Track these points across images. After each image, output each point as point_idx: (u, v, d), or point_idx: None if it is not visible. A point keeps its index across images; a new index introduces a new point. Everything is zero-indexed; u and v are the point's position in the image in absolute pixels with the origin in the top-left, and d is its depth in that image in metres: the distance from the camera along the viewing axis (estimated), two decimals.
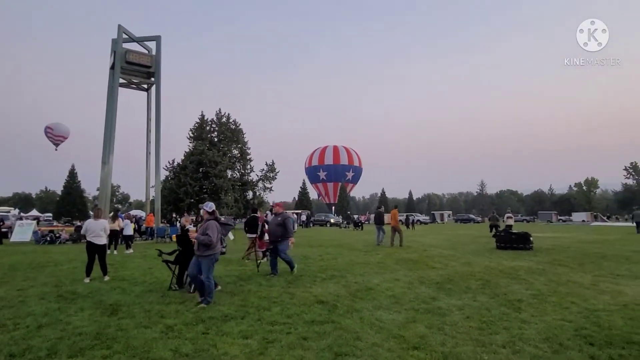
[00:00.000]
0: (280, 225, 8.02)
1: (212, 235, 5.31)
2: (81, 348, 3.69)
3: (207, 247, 5.34)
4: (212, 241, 5.28)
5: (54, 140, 30.66)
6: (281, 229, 7.99)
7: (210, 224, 5.44)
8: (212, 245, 5.34)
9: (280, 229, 8.00)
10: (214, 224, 5.45)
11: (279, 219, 8.08)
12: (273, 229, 8.10)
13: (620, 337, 3.88)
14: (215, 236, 5.34)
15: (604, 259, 10.16)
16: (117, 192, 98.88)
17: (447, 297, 5.80)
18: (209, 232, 5.30)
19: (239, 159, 35.43)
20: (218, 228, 5.52)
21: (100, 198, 23.03)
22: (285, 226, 7.99)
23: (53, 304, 5.63)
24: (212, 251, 5.39)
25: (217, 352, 3.55)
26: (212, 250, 5.40)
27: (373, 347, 3.67)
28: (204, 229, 5.44)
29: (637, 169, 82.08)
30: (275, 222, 8.10)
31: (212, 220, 5.51)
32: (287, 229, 8.00)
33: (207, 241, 5.29)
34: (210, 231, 5.33)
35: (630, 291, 6.10)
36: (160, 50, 24.78)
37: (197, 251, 5.45)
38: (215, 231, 5.41)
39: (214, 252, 5.45)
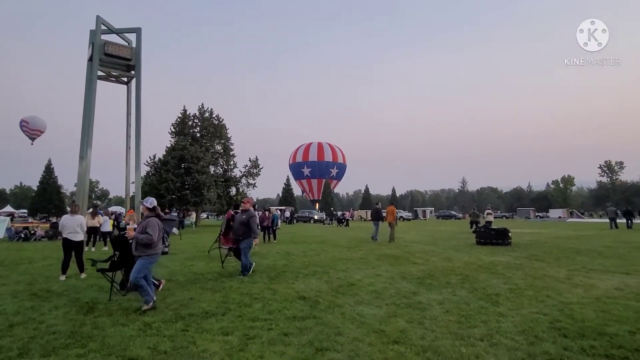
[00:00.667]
0: (244, 224, 7.52)
1: (153, 234, 4.88)
2: (55, 347, 3.59)
3: (147, 247, 4.90)
4: (152, 240, 4.86)
5: (30, 134, 29.66)
6: (244, 228, 7.51)
7: (151, 221, 5.01)
8: (153, 244, 4.93)
9: (244, 227, 7.52)
10: (155, 221, 5.02)
11: (244, 217, 7.56)
12: (236, 227, 7.65)
13: (592, 329, 4.01)
14: (156, 234, 4.92)
15: (578, 254, 10.49)
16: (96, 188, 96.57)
17: (427, 292, 5.87)
18: (149, 230, 4.87)
19: (222, 155, 34.98)
20: (160, 225, 5.11)
21: (78, 194, 22.40)
22: (249, 225, 7.49)
23: (26, 302, 5.45)
24: (152, 251, 4.96)
25: (196, 349, 3.51)
26: (153, 249, 4.97)
27: (354, 341, 3.68)
28: (143, 226, 5.00)
29: (611, 167, 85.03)
30: (240, 220, 7.60)
31: (153, 217, 5.08)
32: (250, 228, 7.49)
33: (147, 240, 4.83)
34: (151, 229, 4.90)
35: (602, 285, 6.32)
36: (140, 42, 24.17)
37: (136, 251, 4.97)
38: (157, 229, 4.98)
39: (155, 251, 5.01)
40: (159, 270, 8.29)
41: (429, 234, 20.86)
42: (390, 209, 15.80)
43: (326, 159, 68.50)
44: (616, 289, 6.00)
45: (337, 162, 69.92)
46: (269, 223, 16.07)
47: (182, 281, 6.94)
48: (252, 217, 7.55)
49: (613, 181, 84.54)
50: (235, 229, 7.67)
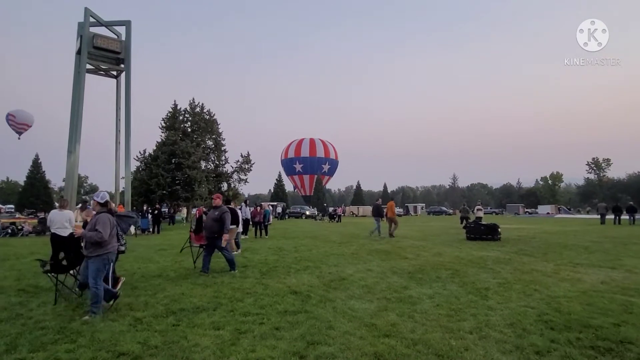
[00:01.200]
0: (217, 220, 7.19)
1: (103, 231, 4.47)
2: (43, 343, 3.55)
3: (97, 246, 4.52)
4: (102, 238, 4.45)
5: (17, 129, 29.12)
6: (218, 225, 7.18)
7: (101, 217, 4.60)
8: (104, 243, 4.54)
9: (217, 224, 7.18)
10: (105, 218, 4.62)
11: (217, 213, 7.23)
12: (209, 224, 7.31)
13: (578, 321, 4.09)
14: (107, 232, 4.53)
15: (565, 249, 10.67)
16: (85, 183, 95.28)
17: (418, 286, 5.93)
18: (98, 228, 4.47)
19: (213, 150, 34.75)
20: (112, 222, 4.71)
21: (67, 189, 22.10)
22: (222, 222, 7.16)
23: (13, 298, 5.38)
24: (103, 250, 4.57)
25: (187, 344, 3.50)
26: (104, 249, 4.58)
27: (345, 335, 3.71)
28: (92, 223, 4.60)
29: (598, 164, 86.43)
30: (212, 216, 7.28)
31: (103, 214, 4.67)
32: (224, 225, 7.16)
33: (96, 238, 4.43)
34: (101, 226, 4.49)
35: (588, 279, 6.44)
36: (130, 35, 23.83)
37: (86, 250, 4.60)
38: (108, 226, 4.57)
39: (107, 251, 4.62)
40: (150, 265, 8.25)
41: (420, 229, 21.03)
42: (390, 205, 15.99)
43: (318, 155, 68.49)
44: (602, 282, 6.13)
45: (329, 157, 69.95)
46: (260, 218, 16.04)
47: (173, 276, 6.90)
48: (224, 212, 7.26)
49: (600, 178, 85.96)
50: (209, 226, 7.33)
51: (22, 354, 3.29)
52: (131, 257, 9.59)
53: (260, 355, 3.22)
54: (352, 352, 3.31)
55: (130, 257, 9.57)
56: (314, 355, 3.23)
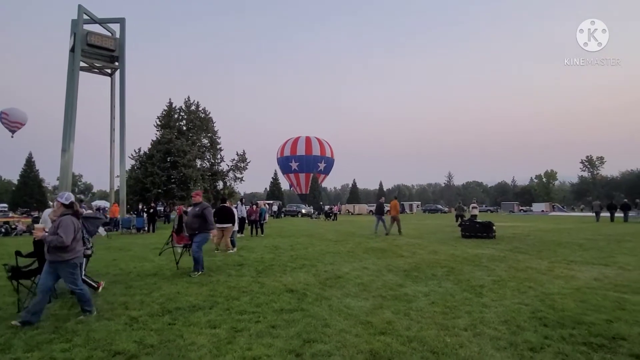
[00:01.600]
0: (197, 216, 7.13)
1: (65, 235, 4.15)
2: (38, 342, 3.53)
3: (61, 250, 4.22)
4: (64, 242, 4.13)
5: (10, 127, 28.82)
6: (199, 221, 7.11)
7: (64, 220, 4.30)
8: (68, 247, 4.23)
9: (198, 220, 7.12)
10: (69, 220, 4.31)
11: (197, 209, 7.17)
12: (190, 221, 7.24)
13: (572, 318, 4.14)
14: (69, 236, 4.20)
15: (559, 246, 10.76)
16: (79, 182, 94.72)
17: (413, 284, 5.96)
18: (60, 232, 4.16)
19: (208, 149, 34.61)
20: (76, 225, 4.41)
21: (61, 188, 21.99)
22: (204, 217, 7.10)
23: (7, 297, 5.36)
24: (69, 255, 4.27)
25: (183, 343, 3.50)
26: (69, 253, 4.28)
27: (341, 333, 3.73)
28: (55, 227, 4.31)
29: (592, 162, 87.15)
30: (193, 213, 7.22)
31: (67, 216, 4.37)
32: (206, 220, 7.10)
33: (56, 242, 4.11)
34: (63, 229, 4.18)
35: (582, 276, 6.51)
36: (124, 33, 23.71)
37: (48, 255, 4.29)
38: (71, 229, 4.26)
39: (72, 256, 4.31)
40: (146, 264, 8.22)
41: (416, 227, 21.12)
42: (393, 203, 16.29)
43: (314, 153, 68.47)
44: (595, 279, 6.19)
45: (325, 156, 69.97)
46: (256, 217, 16.03)
47: (168, 275, 6.89)
48: (206, 208, 7.18)
49: (594, 176, 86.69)
50: (189, 222, 7.24)
51: (16, 354, 3.28)
52: (127, 256, 9.56)
53: (256, 354, 3.23)
54: (348, 349, 3.32)
55: (126, 256, 9.54)
56: (310, 353, 3.25)
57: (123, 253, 10.31)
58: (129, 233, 18.27)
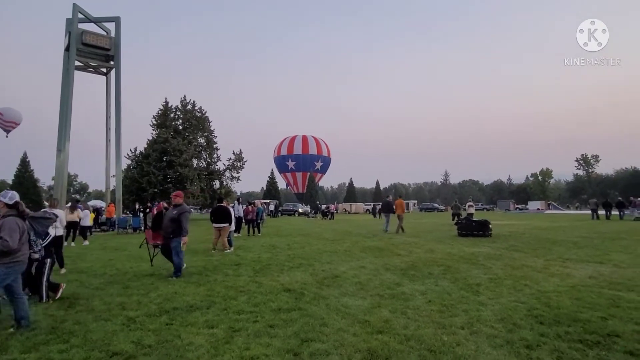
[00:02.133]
0: (174, 220, 6.76)
1: (10, 239, 3.84)
2: (35, 343, 3.52)
3: (3, 254, 3.89)
4: (9, 246, 3.83)
5: (4, 127, 28.55)
6: (175, 225, 6.75)
7: (7, 221, 3.97)
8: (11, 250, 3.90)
9: (174, 225, 6.75)
10: (12, 222, 3.98)
11: (175, 212, 6.82)
12: (165, 224, 6.91)
13: (567, 315, 4.17)
14: (14, 239, 3.90)
15: (554, 245, 10.83)
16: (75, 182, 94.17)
17: (410, 283, 5.99)
18: (3, 235, 3.84)
19: (205, 148, 34.53)
20: (21, 227, 4.08)
21: (56, 188, 21.85)
22: (180, 222, 6.73)
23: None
24: (9, 259, 3.93)
25: (181, 343, 3.50)
26: (10, 257, 3.93)
27: (339, 332, 3.74)
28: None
29: (587, 160, 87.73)
30: (170, 215, 6.85)
31: (10, 217, 4.02)
32: (181, 225, 6.73)
33: (1, 247, 3.78)
34: (7, 232, 3.87)
35: (577, 274, 6.56)
36: (119, 32, 23.58)
37: None
38: (16, 231, 3.96)
39: (13, 260, 3.97)
40: (142, 264, 8.19)
41: (412, 226, 21.15)
42: (399, 202, 16.65)
43: (311, 152, 68.46)
44: (590, 277, 6.25)
45: (322, 155, 69.97)
46: (253, 216, 16.02)
47: (165, 275, 6.87)
48: (183, 212, 6.84)
49: (589, 174, 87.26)
50: (165, 225, 6.92)
51: (13, 355, 3.27)
52: (123, 256, 9.53)
53: (254, 353, 3.23)
54: (346, 348, 3.34)
55: (122, 256, 9.52)
56: (308, 352, 3.26)
57: (119, 253, 10.28)
58: (125, 233, 18.20)
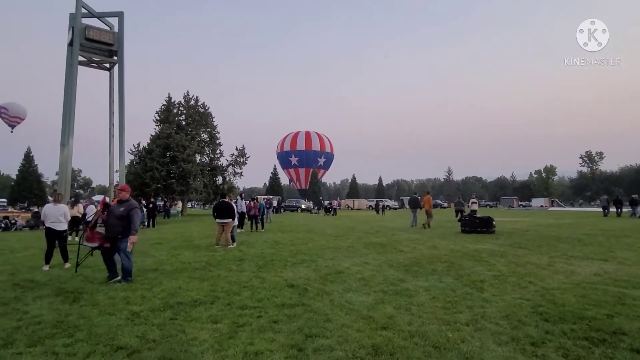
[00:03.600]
0: (121, 218, 5.91)
1: None
2: (40, 337, 3.54)
3: None
4: None
5: (9, 122, 28.71)
6: (123, 224, 5.90)
7: None
8: None
9: (123, 223, 5.90)
10: None
11: (122, 209, 5.95)
12: (111, 222, 5.95)
13: (572, 313, 4.14)
14: None
15: (559, 242, 10.77)
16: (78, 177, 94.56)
17: (414, 279, 5.97)
18: None
19: (208, 144, 34.59)
20: None
21: (60, 183, 21.94)
22: (129, 220, 5.91)
23: (9, 292, 5.34)
24: None
25: (185, 338, 3.50)
26: None
27: (343, 328, 3.73)
28: None
29: (591, 157, 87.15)
30: (118, 213, 5.95)
31: None
32: (132, 223, 5.90)
33: None
34: None
35: (582, 271, 6.52)
36: (123, 27, 23.56)
37: None
38: None
39: None
40: (146, 259, 8.22)
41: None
42: (427, 198, 17.23)
43: (314, 148, 68.39)
44: (595, 274, 6.20)
45: (325, 151, 69.90)
46: (256, 212, 16.04)
47: (169, 270, 6.89)
48: (133, 208, 6.00)
49: (593, 171, 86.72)
50: (111, 224, 5.96)
51: (19, 349, 3.28)
52: None
53: (258, 349, 3.23)
54: (350, 344, 3.33)
55: None
56: (312, 348, 3.25)
57: None
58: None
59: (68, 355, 3.15)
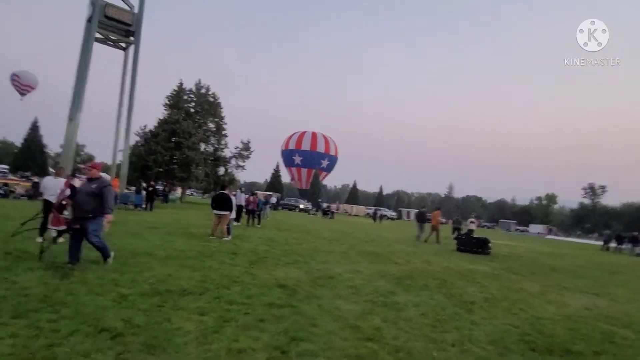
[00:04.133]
0: (94, 195, 5.43)
1: None
2: (26, 310, 3.52)
3: None
4: None
5: (20, 89, 28.75)
6: (94, 202, 5.42)
7: None
8: None
9: (93, 201, 5.42)
10: None
11: (94, 186, 5.49)
12: (82, 200, 5.45)
13: (560, 345, 4.11)
14: None
15: (553, 271, 10.73)
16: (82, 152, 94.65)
17: (404, 293, 5.94)
18: None
19: (214, 133, 34.63)
20: None
21: (64, 156, 21.99)
22: (102, 197, 5.45)
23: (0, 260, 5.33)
24: None
25: (170, 326, 3.49)
26: None
27: (329, 334, 3.71)
28: None
29: (594, 190, 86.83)
30: (89, 189, 5.48)
31: None
32: (105, 201, 5.46)
33: None
34: None
35: (574, 303, 6.48)
36: (143, 8, 23.63)
37: None
38: None
39: None
40: (140, 242, 8.20)
41: (412, 235, 21.06)
42: (435, 213, 17.39)
43: (318, 150, 68.34)
44: (586, 308, 6.16)
45: (329, 154, 69.84)
46: (254, 206, 16.02)
47: (162, 256, 6.87)
48: (106, 186, 5.54)
49: (594, 204, 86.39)
50: (82, 201, 5.44)
51: (4, 319, 3.26)
52: (121, 232, 9.55)
53: (242, 346, 3.21)
54: (334, 352, 3.31)
55: (120, 231, 9.53)
56: (296, 351, 3.23)
57: (118, 228, 10.28)
58: (125, 209, 18.27)
59: (52, 331, 3.13)
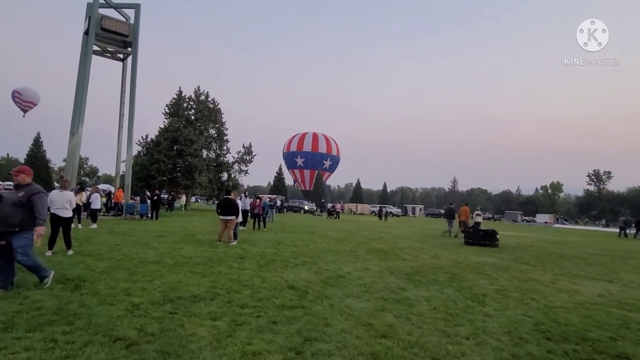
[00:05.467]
0: (21, 205, 4.57)
1: None
2: (40, 323, 3.54)
3: None
4: None
5: (22, 106, 28.88)
6: (22, 213, 4.56)
7: None
8: None
9: (21, 212, 4.55)
10: None
11: (21, 194, 4.61)
12: (8, 212, 4.53)
13: (575, 333, 4.09)
14: None
15: (562, 259, 10.66)
16: (85, 165, 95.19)
17: (415, 288, 5.92)
18: None
19: (215, 139, 34.69)
20: None
21: (67, 170, 22.10)
22: (31, 207, 4.60)
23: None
24: None
25: (184, 333, 3.49)
26: None
27: (342, 333, 3.70)
28: None
29: (599, 176, 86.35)
30: (15, 199, 4.61)
31: None
32: (35, 211, 4.62)
33: None
34: None
35: (586, 291, 6.44)
36: (139, 19, 23.71)
37: None
38: None
39: None
40: (148, 251, 8.23)
41: (418, 231, 21.04)
42: (464, 209, 17.48)
43: (320, 150, 68.37)
44: (599, 295, 6.12)
45: (331, 154, 69.86)
46: (259, 210, 16.03)
47: (170, 264, 6.89)
48: (36, 193, 4.68)
49: (600, 190, 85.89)
50: (6, 214, 4.52)
51: (19, 333, 3.28)
52: (130, 242, 9.60)
53: (256, 349, 3.21)
54: (349, 350, 3.30)
55: (129, 242, 9.58)
56: (310, 351, 3.23)
57: (126, 238, 10.36)
58: (132, 219, 18.35)
59: (67, 342, 3.14)
